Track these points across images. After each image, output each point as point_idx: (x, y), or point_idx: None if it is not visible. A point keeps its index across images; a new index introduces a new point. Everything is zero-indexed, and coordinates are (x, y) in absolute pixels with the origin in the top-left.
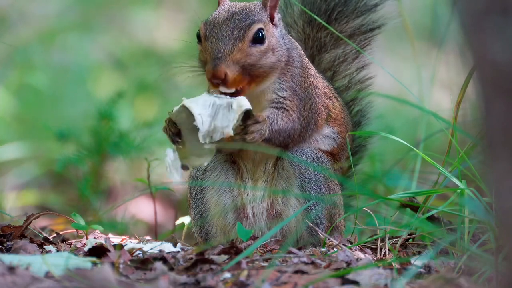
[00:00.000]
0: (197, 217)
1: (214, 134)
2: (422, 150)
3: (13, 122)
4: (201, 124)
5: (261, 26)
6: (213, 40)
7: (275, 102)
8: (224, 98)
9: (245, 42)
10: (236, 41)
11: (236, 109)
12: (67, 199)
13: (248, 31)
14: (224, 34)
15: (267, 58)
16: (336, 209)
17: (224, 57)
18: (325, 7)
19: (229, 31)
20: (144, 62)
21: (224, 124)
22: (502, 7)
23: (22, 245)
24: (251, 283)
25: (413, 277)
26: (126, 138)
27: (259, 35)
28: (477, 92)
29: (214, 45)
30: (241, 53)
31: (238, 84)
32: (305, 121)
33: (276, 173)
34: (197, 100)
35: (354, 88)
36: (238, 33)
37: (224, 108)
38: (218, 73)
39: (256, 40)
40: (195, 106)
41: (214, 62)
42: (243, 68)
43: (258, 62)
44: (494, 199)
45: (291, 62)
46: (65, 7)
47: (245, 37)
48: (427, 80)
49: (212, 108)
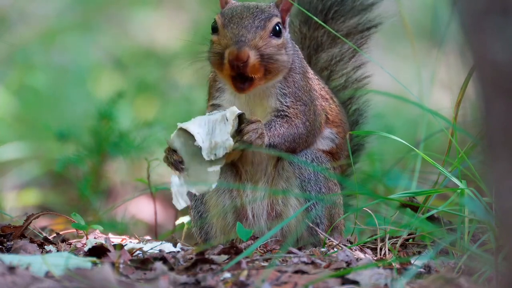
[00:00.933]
0: (196, 217)
1: (217, 151)
2: (422, 150)
3: (13, 122)
4: (202, 142)
5: (279, 21)
6: (234, 27)
7: (277, 111)
8: (217, 112)
9: (266, 31)
10: (258, 29)
11: (230, 117)
12: (67, 199)
13: (269, 22)
14: (245, 22)
15: (282, 54)
16: (336, 208)
17: (248, 41)
18: (321, 7)
19: (250, 19)
20: (144, 62)
21: (224, 138)
22: (502, 7)
23: (22, 245)
24: (251, 283)
25: (413, 277)
26: (126, 138)
27: (277, 28)
28: (477, 92)
29: (236, 30)
30: (263, 41)
31: (256, 72)
32: (311, 125)
33: (276, 174)
34: (192, 121)
35: (351, 87)
36: (259, 23)
37: (220, 122)
38: (242, 54)
39: (274, 32)
40: (192, 126)
41: (238, 44)
42: (262, 57)
43: (275, 55)
44: (494, 199)
45: (293, 68)
46: (65, 7)
47: (266, 26)
48: (427, 79)
49: (208, 126)
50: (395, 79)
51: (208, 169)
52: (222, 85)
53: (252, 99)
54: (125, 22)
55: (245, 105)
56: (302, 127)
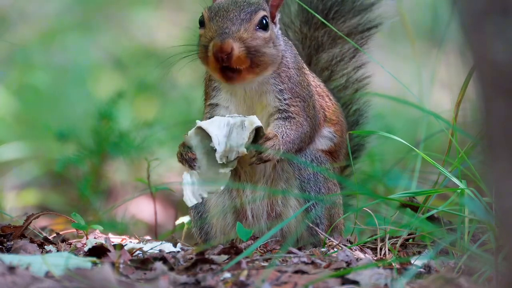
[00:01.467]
0: (196, 218)
1: (230, 154)
2: (422, 150)
3: (13, 122)
4: (218, 145)
5: (265, 14)
6: (219, 20)
7: (280, 111)
8: (238, 117)
9: (252, 24)
10: (243, 21)
11: (248, 127)
12: (67, 199)
13: (255, 15)
14: (231, 15)
15: (269, 48)
16: (336, 209)
17: (232, 33)
18: (322, 7)
19: (236, 12)
20: (144, 62)
21: (239, 143)
22: (502, 7)
23: (22, 245)
24: (251, 283)
25: (413, 277)
26: (126, 138)
27: (263, 21)
28: (477, 92)
29: (220, 23)
30: (248, 33)
31: (241, 63)
32: (312, 121)
33: (276, 174)
34: (211, 121)
35: (351, 87)
36: (244, 16)
37: (238, 127)
38: (225, 46)
39: (261, 25)
40: (211, 127)
41: (221, 36)
42: (248, 50)
43: (262, 48)
44: (494, 199)
45: (285, 63)
46: (65, 7)
47: (251, 19)
48: (427, 80)
49: (227, 128)
50: (396, 79)
51: (219, 171)
52: (217, 84)
53: (248, 96)
54: (125, 22)
55: (243, 103)
56: (306, 125)
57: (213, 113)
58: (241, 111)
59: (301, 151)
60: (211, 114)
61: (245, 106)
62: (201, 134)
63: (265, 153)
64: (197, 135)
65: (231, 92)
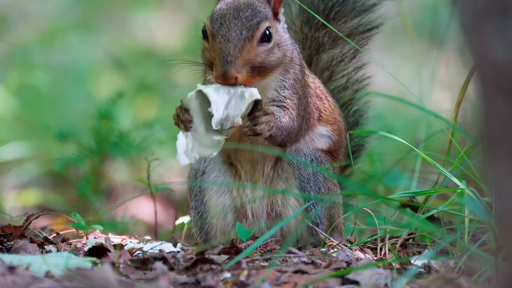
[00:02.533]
0: (196, 218)
1: (225, 123)
2: (422, 150)
3: (13, 122)
4: (216, 111)
5: (268, 25)
6: (222, 41)
7: (275, 101)
8: (238, 87)
9: (254, 42)
10: (245, 41)
11: (248, 98)
12: (67, 199)
13: (257, 31)
14: (233, 34)
15: (274, 55)
16: (336, 208)
17: (234, 60)
18: (323, 7)
19: (237, 30)
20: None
21: (236, 113)
22: (502, 7)
23: (22, 245)
24: (251, 283)
25: (413, 277)
26: (126, 138)
27: (266, 34)
28: (477, 92)
29: (223, 45)
30: (250, 53)
31: (247, 82)
32: (301, 121)
33: (276, 174)
34: (213, 87)
35: (352, 87)
36: (246, 33)
37: (238, 97)
38: (229, 77)
39: (263, 39)
40: (212, 93)
41: (224, 67)
42: (252, 68)
43: (265, 60)
44: (494, 199)
45: (294, 58)
46: (65, 7)
47: (253, 37)
48: (427, 80)
49: (227, 96)
50: (396, 79)
51: (214, 137)
52: None
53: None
54: (125, 22)
55: None
56: (296, 121)
57: None
58: None
59: (284, 146)
60: None
61: None
62: (201, 98)
63: (260, 126)
64: (197, 99)
65: None
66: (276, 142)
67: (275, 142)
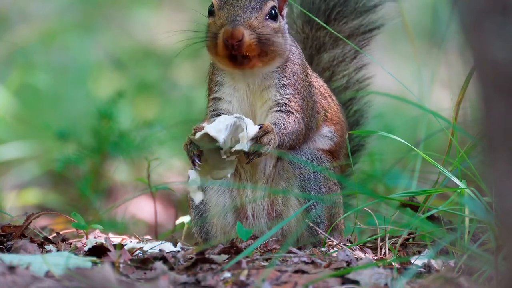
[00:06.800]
0: (197, 217)
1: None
2: (422, 149)
3: (13, 122)
4: (224, 144)
5: (275, 4)
6: (230, 8)
7: (279, 105)
8: (243, 119)
9: (262, 13)
10: (254, 10)
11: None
12: (67, 199)
13: (265, 5)
14: (241, 3)
15: (279, 38)
16: (336, 208)
17: (242, 21)
18: (324, 7)
19: (246, 1)
20: (144, 62)
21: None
22: (502, 6)
23: (22, 245)
24: (251, 283)
25: (413, 276)
26: (126, 138)
27: (273, 12)
28: (477, 92)
29: (231, 10)
30: (258, 21)
31: (251, 51)
32: (309, 121)
33: (276, 174)
34: (218, 125)
35: (352, 88)
36: (255, 5)
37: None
38: (236, 32)
39: (270, 16)
40: (218, 132)
41: (232, 23)
42: (258, 38)
43: (271, 37)
44: (494, 199)
45: (291, 58)
46: (65, 7)
47: (262, 9)
48: (427, 79)
49: (232, 128)
50: (396, 79)
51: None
52: (220, 78)
53: (251, 91)
54: (125, 22)
55: (245, 98)
56: (302, 123)
57: (216, 107)
58: (243, 105)
59: (294, 149)
60: (214, 108)
61: (247, 101)
62: (208, 137)
63: (263, 148)
64: (204, 138)
65: (234, 86)
66: (285, 147)
67: (284, 148)
